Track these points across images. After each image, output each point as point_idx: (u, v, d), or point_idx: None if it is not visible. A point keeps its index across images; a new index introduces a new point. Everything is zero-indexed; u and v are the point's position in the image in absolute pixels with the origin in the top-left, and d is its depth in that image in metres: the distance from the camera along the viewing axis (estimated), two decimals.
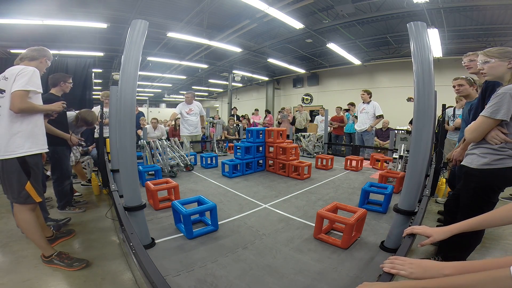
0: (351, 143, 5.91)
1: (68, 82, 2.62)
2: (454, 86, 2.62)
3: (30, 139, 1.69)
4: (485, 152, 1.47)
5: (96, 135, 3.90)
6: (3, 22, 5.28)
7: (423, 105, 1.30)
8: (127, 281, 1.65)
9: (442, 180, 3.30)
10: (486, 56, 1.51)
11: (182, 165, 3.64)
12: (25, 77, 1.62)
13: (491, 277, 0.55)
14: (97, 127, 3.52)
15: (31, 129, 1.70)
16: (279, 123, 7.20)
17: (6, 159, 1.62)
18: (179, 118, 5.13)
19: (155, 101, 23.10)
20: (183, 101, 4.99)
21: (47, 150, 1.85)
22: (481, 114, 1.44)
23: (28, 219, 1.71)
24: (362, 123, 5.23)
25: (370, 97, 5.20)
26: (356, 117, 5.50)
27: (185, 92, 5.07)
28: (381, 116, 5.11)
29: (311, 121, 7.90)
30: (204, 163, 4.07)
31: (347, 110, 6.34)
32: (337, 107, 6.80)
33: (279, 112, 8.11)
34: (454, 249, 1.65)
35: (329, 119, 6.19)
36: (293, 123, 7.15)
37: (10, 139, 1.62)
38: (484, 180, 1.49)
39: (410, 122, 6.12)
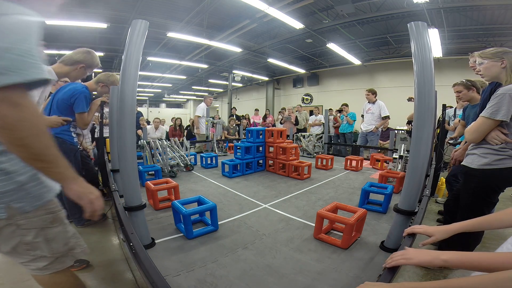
0: (345, 143, 5.93)
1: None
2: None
3: None
4: (485, 152, 1.47)
5: (96, 135, 3.89)
6: None
7: (423, 105, 1.30)
8: (127, 281, 1.65)
9: (442, 180, 3.30)
10: (481, 58, 1.53)
11: (182, 165, 3.64)
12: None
13: (494, 279, 0.55)
14: (97, 126, 3.52)
15: None
16: (281, 123, 7.21)
17: None
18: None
19: (155, 101, 23.11)
20: (202, 103, 5.66)
21: None
22: (481, 114, 1.44)
23: None
24: (368, 124, 5.08)
25: (375, 97, 5.01)
26: (362, 116, 5.40)
27: (209, 95, 5.80)
28: (387, 117, 4.99)
29: None
30: (204, 163, 4.07)
31: (339, 111, 6.35)
32: (336, 110, 6.89)
33: (280, 112, 8.10)
34: (454, 248, 1.65)
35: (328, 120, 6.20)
36: (296, 123, 7.14)
37: None
38: (484, 180, 1.49)
39: (408, 123, 6.11)
